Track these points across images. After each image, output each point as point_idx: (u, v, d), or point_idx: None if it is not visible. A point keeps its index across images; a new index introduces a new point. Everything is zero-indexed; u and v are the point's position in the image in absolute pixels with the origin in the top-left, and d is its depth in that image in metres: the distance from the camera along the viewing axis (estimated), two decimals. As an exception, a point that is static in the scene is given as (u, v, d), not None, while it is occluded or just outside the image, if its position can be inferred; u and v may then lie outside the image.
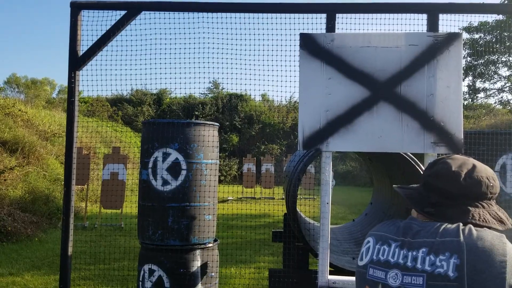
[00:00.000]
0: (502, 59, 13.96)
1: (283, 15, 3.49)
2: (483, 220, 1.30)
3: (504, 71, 14.49)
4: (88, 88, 4.04)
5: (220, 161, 25.42)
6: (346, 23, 3.28)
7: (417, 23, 3.30)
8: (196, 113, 26.95)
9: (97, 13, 3.61)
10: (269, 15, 3.53)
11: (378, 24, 3.35)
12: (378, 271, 1.34)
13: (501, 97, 14.81)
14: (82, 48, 3.73)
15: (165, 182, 4.46)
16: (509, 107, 14.82)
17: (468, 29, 14.03)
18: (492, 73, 14.30)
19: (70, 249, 3.90)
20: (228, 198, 15.50)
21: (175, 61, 3.98)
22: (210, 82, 30.06)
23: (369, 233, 1.48)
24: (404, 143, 2.97)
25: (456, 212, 1.32)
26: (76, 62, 3.73)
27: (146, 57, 3.93)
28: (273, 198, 17.22)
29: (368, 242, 1.44)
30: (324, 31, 3.28)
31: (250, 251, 7.17)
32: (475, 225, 1.29)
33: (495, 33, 13.57)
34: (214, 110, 28.01)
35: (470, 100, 14.62)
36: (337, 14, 3.22)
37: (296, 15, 3.41)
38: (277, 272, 3.81)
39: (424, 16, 3.24)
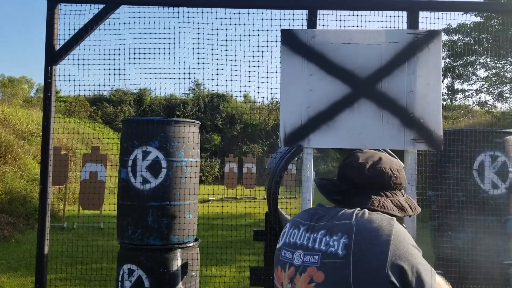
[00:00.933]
0: (480, 60, 14.22)
1: (264, 11, 3.47)
2: (381, 207, 1.40)
3: (482, 72, 14.79)
4: (66, 88, 3.97)
5: (201, 161, 25.27)
6: (327, 20, 3.28)
7: (398, 20, 3.32)
8: (178, 112, 26.76)
9: (75, 7, 3.53)
10: (250, 10, 3.50)
11: (359, 21, 3.36)
12: (288, 252, 1.44)
13: (479, 98, 15.09)
14: (59, 43, 3.64)
15: (145, 181, 4.39)
16: (487, 108, 15.12)
17: (447, 30, 14.24)
18: (470, 74, 14.56)
19: (46, 248, 3.81)
20: (210, 198, 15.39)
21: (154, 60, 3.94)
22: (191, 82, 29.90)
23: (290, 219, 1.58)
24: (385, 139, 2.97)
25: (359, 199, 1.42)
26: (53, 56, 3.64)
27: (125, 55, 3.86)
28: (255, 198, 17.18)
29: (286, 227, 1.55)
30: (305, 27, 3.27)
31: (231, 250, 7.13)
32: (373, 210, 1.38)
33: (473, 35, 13.81)
34: (196, 110, 27.86)
35: (448, 101, 14.85)
36: (318, 11, 3.21)
37: (278, 11, 3.39)
38: (258, 270, 3.79)
39: (405, 13, 3.25)
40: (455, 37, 14.55)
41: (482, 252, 4.36)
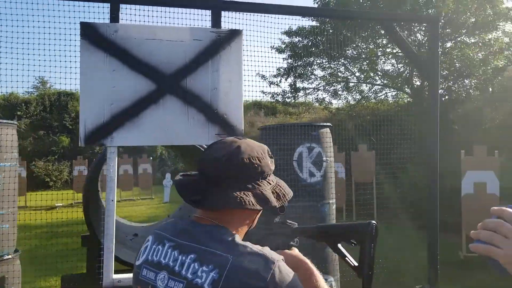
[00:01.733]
0: (317, 61, 15.58)
1: (70, 2, 3.25)
2: (243, 203, 1.24)
3: (319, 72, 16.24)
4: None
5: (49, 166, 23.27)
6: (132, 15, 3.20)
7: (206, 18, 3.39)
8: (19, 113, 24.18)
9: None
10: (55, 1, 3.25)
11: (167, 17, 3.35)
12: (150, 272, 1.27)
13: (317, 95, 16.60)
14: None
15: None
16: (324, 104, 16.67)
17: (289, 32, 15.29)
18: (309, 74, 15.86)
19: None
20: (57, 204, 14.26)
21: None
22: (36, 79, 27.28)
23: (152, 231, 1.39)
24: (191, 135, 3.02)
25: (219, 198, 1.25)
26: None
27: None
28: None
29: (148, 240, 1.35)
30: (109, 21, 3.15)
31: (74, 257, 6.69)
32: (239, 210, 1.27)
33: (311, 38, 15.02)
34: (41, 110, 25.49)
35: (292, 98, 16.00)
36: (121, 5, 3.12)
37: (81, 3, 3.21)
38: (72, 277, 3.58)
39: (209, 12, 3.33)
40: (296, 39, 15.69)
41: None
